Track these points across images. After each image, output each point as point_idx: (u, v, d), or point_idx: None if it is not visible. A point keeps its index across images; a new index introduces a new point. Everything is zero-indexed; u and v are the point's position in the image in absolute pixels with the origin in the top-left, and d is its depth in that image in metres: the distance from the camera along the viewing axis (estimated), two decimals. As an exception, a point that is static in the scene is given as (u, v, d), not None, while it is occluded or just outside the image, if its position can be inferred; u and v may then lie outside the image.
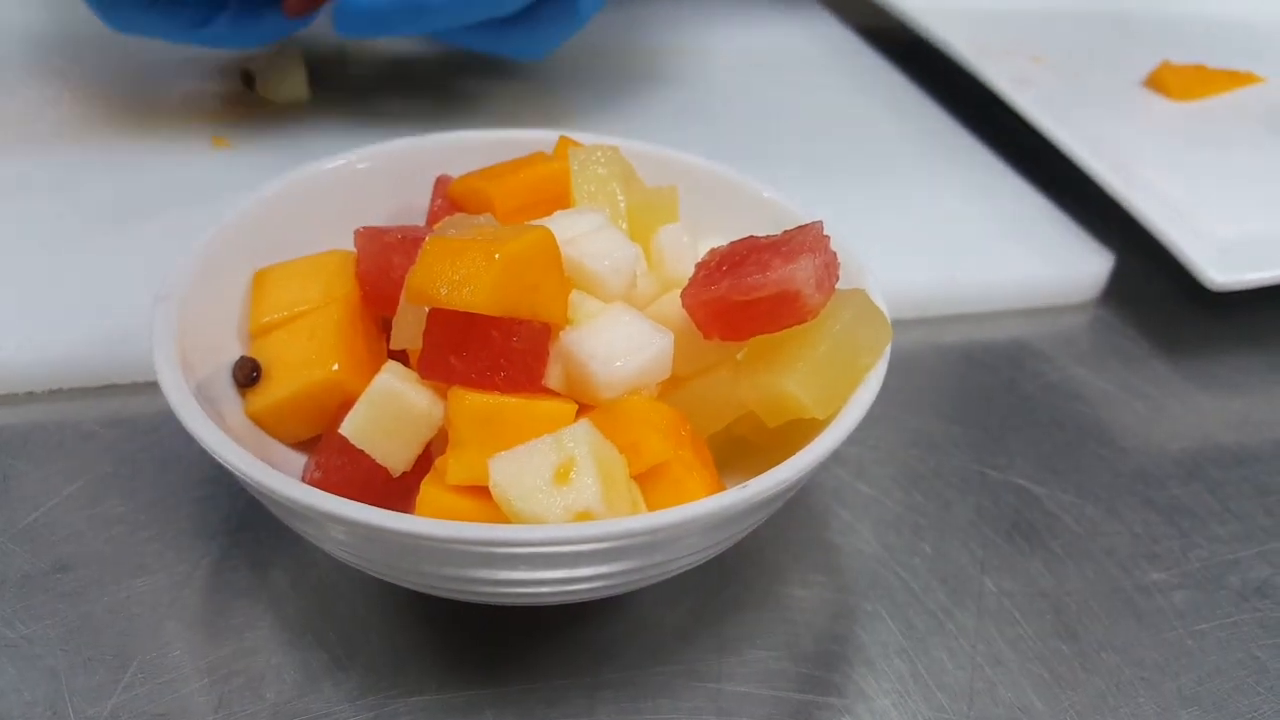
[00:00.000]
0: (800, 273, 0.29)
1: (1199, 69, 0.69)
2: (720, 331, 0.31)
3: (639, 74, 0.65)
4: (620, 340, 0.30)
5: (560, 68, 0.64)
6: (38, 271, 0.44)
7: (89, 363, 0.40)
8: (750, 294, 0.29)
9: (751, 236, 0.31)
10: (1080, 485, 0.41)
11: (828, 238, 0.30)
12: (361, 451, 0.31)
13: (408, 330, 0.32)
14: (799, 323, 0.30)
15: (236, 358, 0.34)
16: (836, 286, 0.31)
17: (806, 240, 0.30)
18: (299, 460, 0.34)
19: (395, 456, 0.31)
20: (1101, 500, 0.41)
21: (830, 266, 0.30)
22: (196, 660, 0.32)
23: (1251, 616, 0.37)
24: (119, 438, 0.39)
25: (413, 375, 0.31)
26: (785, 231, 0.31)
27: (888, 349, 0.32)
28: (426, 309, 0.30)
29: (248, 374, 0.33)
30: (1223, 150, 0.62)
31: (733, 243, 0.32)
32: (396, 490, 0.32)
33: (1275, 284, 0.48)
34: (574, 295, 0.32)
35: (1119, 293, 0.52)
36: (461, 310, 0.29)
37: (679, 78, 0.65)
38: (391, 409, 0.30)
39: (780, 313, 0.29)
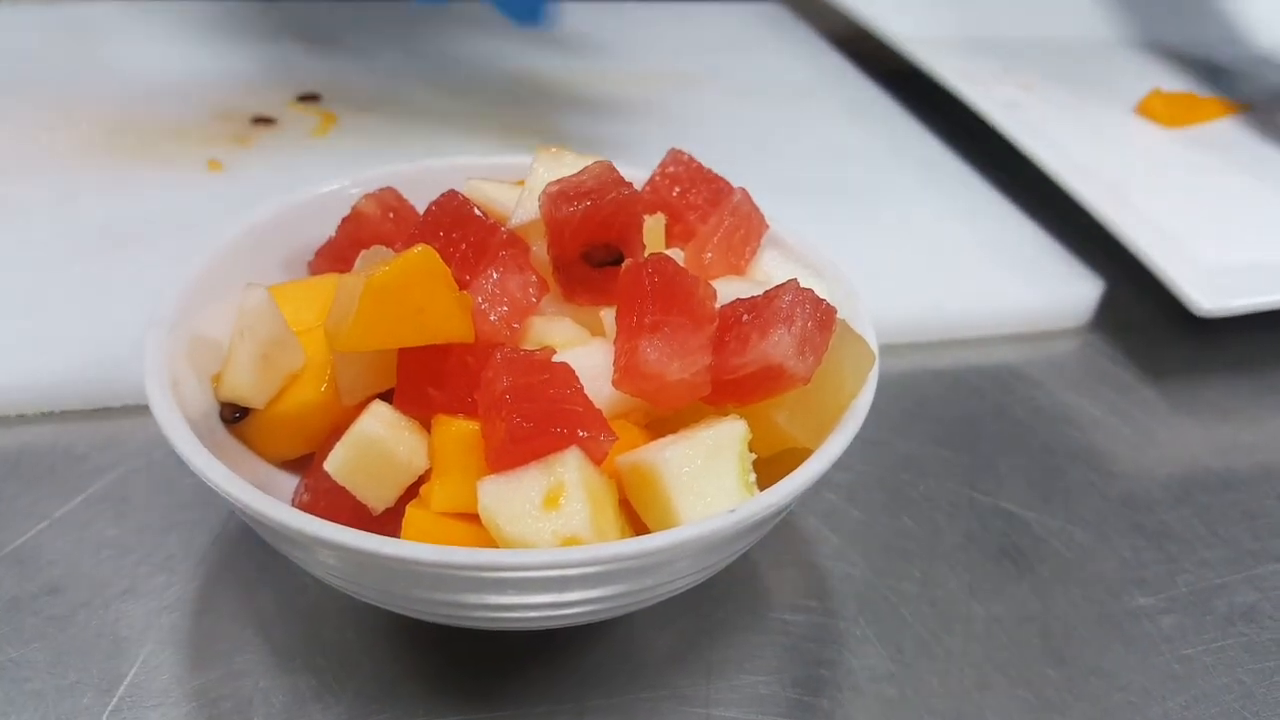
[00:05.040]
0: (776, 348, 0.29)
1: (1188, 96, 0.70)
2: (728, 401, 0.31)
3: (632, 99, 0.65)
4: (591, 367, 0.30)
5: (556, 91, 0.65)
6: (31, 295, 0.44)
7: (81, 386, 0.41)
8: (735, 373, 0.30)
9: (736, 301, 0.31)
10: (1069, 510, 0.41)
11: (805, 294, 0.30)
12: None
13: (348, 379, 0.32)
14: (796, 387, 0.30)
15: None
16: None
17: (780, 309, 0.29)
18: (289, 482, 0.35)
19: (376, 497, 0.31)
20: (1090, 525, 0.41)
21: (813, 328, 0.30)
22: (185, 684, 0.32)
23: (1238, 641, 0.37)
24: (110, 461, 0.39)
25: (397, 420, 0.31)
26: (766, 293, 0.31)
27: (873, 376, 0.32)
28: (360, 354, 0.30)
29: (232, 414, 0.33)
30: (1211, 177, 0.62)
31: (720, 309, 0.31)
32: (386, 514, 0.32)
33: (1262, 310, 0.48)
34: (560, 322, 0.33)
35: (1108, 318, 0.53)
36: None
37: (671, 102, 0.66)
38: (372, 454, 0.30)
39: (772, 382, 0.30)
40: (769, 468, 0.31)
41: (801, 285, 0.31)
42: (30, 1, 0.68)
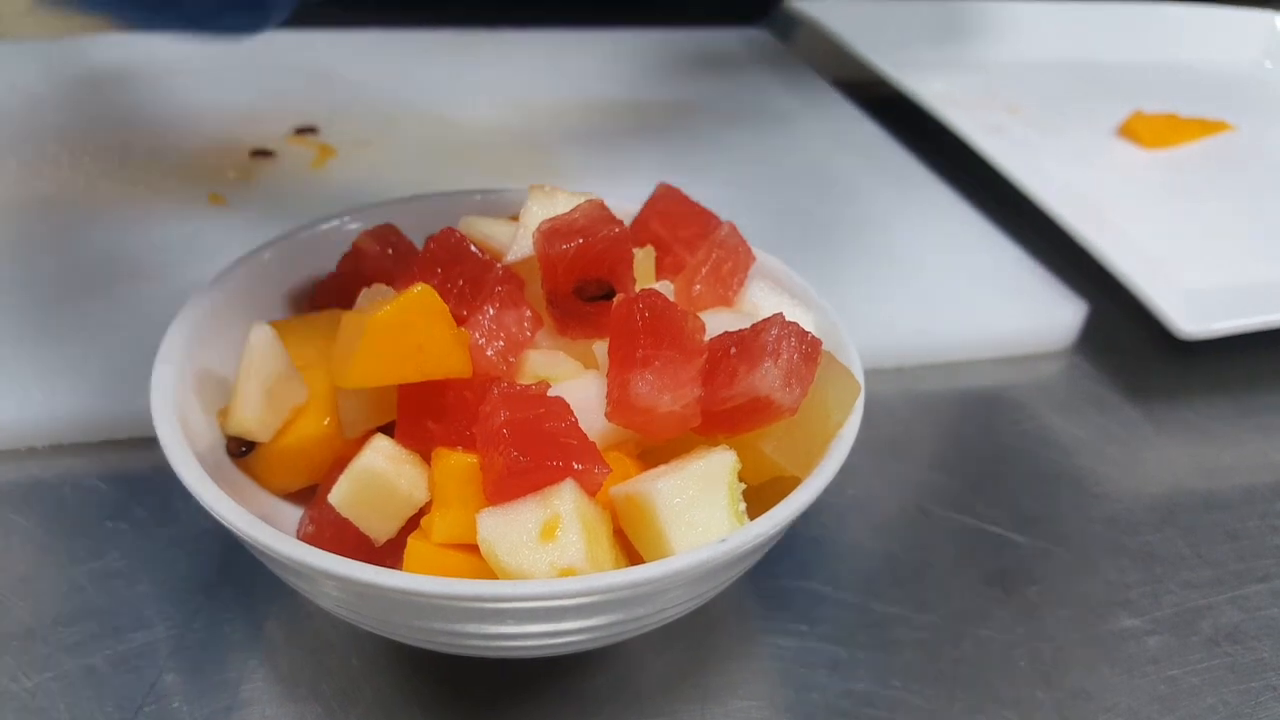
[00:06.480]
0: (763, 380, 0.30)
1: (1170, 118, 0.72)
2: (717, 431, 0.32)
3: (622, 128, 0.66)
4: (585, 400, 0.31)
5: (549, 120, 0.66)
6: (38, 329, 0.45)
7: (89, 418, 0.41)
8: (724, 404, 0.31)
9: (724, 334, 0.32)
10: (1055, 532, 0.42)
11: (791, 328, 0.31)
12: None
13: (350, 413, 0.33)
14: (783, 418, 0.31)
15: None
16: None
17: (767, 342, 0.30)
18: (293, 513, 0.36)
19: (378, 529, 0.32)
20: (1076, 547, 0.42)
21: (799, 361, 0.31)
22: (194, 711, 0.32)
23: (1223, 661, 0.37)
24: (118, 492, 0.40)
25: (398, 454, 0.32)
26: (753, 326, 0.32)
27: (858, 405, 0.33)
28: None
29: (239, 448, 0.34)
30: (1193, 198, 0.63)
31: (709, 342, 0.32)
32: (388, 544, 0.33)
33: (1244, 332, 0.49)
34: (555, 356, 0.34)
35: (1092, 341, 0.54)
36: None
37: (660, 129, 0.67)
38: (374, 487, 0.31)
39: (760, 413, 0.31)
40: (759, 495, 0.32)
41: (788, 316, 0.32)
42: (32, 38, 0.69)
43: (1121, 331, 0.54)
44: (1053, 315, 0.53)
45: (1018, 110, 0.71)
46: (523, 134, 0.64)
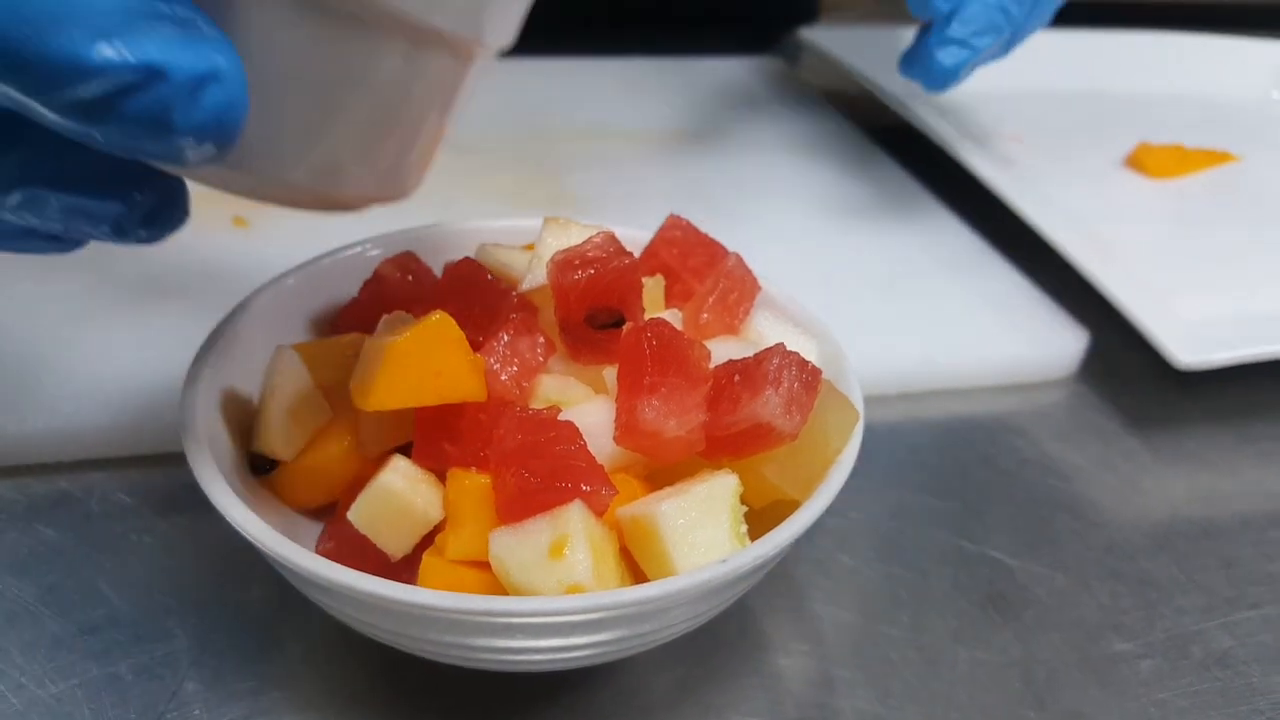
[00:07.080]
0: (764, 407, 0.31)
1: (1176, 149, 0.73)
2: (721, 455, 0.33)
3: (635, 155, 0.68)
4: (594, 424, 0.33)
5: (563, 148, 0.67)
6: (68, 348, 0.46)
7: (115, 434, 0.43)
8: (727, 430, 0.32)
9: (729, 362, 0.33)
10: (1052, 558, 0.43)
11: (792, 357, 0.32)
12: (370, 527, 0.33)
13: (370, 434, 0.35)
14: (783, 443, 0.32)
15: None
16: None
17: (769, 371, 0.32)
18: (310, 527, 0.37)
19: (394, 545, 0.33)
20: (1072, 572, 0.43)
21: (800, 389, 0.32)
22: (214, 719, 0.34)
23: (1213, 686, 0.38)
24: (143, 506, 0.41)
25: (415, 473, 0.33)
26: (755, 355, 0.33)
27: (857, 432, 0.34)
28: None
29: (262, 466, 0.35)
30: (1198, 229, 0.64)
31: (714, 370, 0.34)
32: (403, 560, 0.34)
33: (1242, 363, 0.50)
34: (566, 381, 0.35)
35: (1094, 370, 0.55)
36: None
37: (672, 159, 0.68)
38: (391, 505, 0.33)
39: (762, 439, 0.32)
40: (760, 518, 0.33)
41: (791, 345, 0.34)
42: None
43: (1123, 360, 0.55)
44: (1055, 344, 0.54)
45: (1023, 139, 0.73)
46: (538, 161, 0.66)
